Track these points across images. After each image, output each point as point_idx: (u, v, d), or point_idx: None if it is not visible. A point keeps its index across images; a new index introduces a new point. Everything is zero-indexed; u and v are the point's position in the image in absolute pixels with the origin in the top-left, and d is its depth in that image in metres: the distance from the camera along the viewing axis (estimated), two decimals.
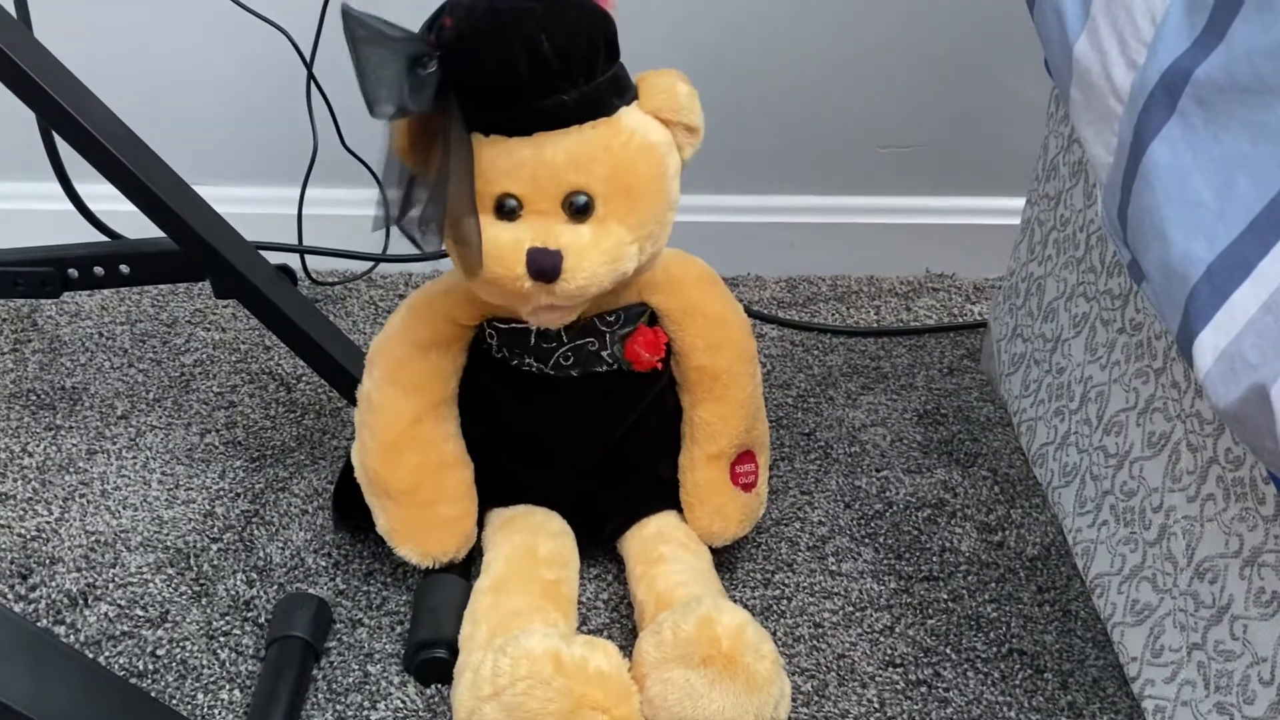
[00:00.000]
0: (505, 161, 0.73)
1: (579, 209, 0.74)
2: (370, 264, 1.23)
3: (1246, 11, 0.56)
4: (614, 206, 0.75)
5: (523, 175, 0.73)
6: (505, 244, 0.73)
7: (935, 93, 1.20)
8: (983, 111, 1.21)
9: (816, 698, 0.82)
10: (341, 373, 0.94)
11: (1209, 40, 0.57)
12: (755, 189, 1.25)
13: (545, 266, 0.73)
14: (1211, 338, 0.55)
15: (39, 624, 0.84)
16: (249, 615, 0.85)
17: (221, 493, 0.96)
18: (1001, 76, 1.19)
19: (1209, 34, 0.57)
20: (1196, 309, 0.56)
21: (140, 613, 0.85)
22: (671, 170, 0.78)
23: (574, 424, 0.86)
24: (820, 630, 0.87)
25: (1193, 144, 0.58)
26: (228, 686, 0.80)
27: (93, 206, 1.00)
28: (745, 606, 0.85)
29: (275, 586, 0.88)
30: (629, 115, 0.76)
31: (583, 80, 0.73)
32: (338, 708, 0.80)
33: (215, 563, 0.90)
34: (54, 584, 0.87)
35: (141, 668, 0.81)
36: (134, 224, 0.95)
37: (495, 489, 0.88)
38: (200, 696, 0.80)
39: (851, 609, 0.89)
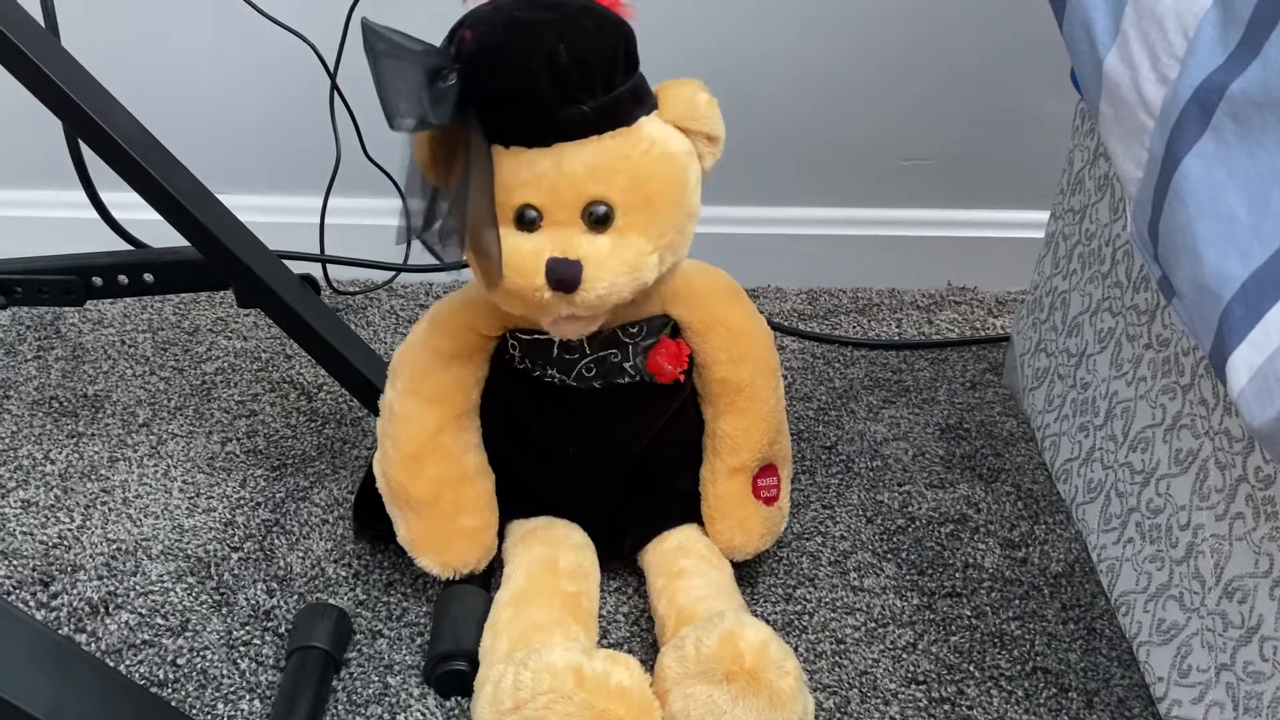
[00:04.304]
0: (525, 173, 0.73)
1: (599, 219, 0.74)
2: (392, 274, 1.23)
3: None
4: (634, 217, 0.75)
5: (542, 186, 0.73)
6: (525, 254, 0.73)
7: (957, 105, 1.20)
8: (1005, 124, 1.21)
9: (839, 714, 0.82)
10: (363, 382, 0.94)
11: (1244, 55, 0.57)
12: (776, 201, 1.25)
13: (565, 276, 0.73)
14: (1246, 356, 0.55)
15: (60, 632, 0.84)
16: (269, 625, 0.85)
17: (242, 502, 0.96)
18: (1024, 89, 1.18)
19: (1244, 49, 0.57)
20: (1230, 327, 0.56)
21: (161, 621, 0.85)
22: (692, 180, 0.77)
23: (595, 436, 0.86)
24: (842, 646, 0.86)
25: (1227, 160, 0.57)
26: (248, 696, 0.80)
27: (118, 215, 1.00)
28: (767, 622, 0.85)
29: (295, 596, 0.88)
30: (649, 125, 0.75)
31: (601, 90, 0.73)
32: (357, 719, 0.79)
33: (236, 572, 0.90)
34: (75, 592, 0.87)
35: (162, 677, 0.81)
36: (158, 232, 0.95)
37: (516, 500, 0.88)
38: (220, 706, 0.79)
39: (874, 625, 0.88)
